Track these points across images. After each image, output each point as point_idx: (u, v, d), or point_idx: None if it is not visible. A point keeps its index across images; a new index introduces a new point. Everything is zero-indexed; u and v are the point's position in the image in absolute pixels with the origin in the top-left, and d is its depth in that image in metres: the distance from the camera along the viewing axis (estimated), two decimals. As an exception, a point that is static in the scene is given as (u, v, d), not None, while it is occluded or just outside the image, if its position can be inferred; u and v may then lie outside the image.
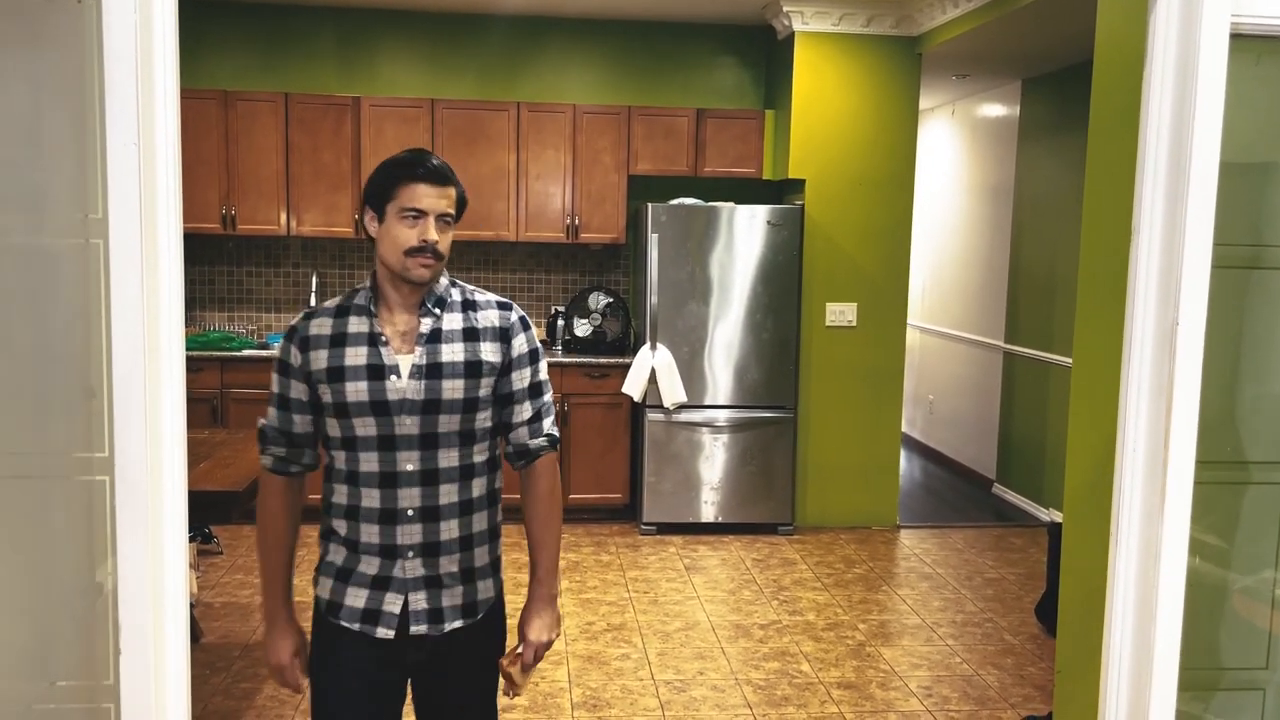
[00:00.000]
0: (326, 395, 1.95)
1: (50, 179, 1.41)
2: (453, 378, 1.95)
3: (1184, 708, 1.81)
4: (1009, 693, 3.87)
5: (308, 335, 1.99)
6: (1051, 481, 6.16)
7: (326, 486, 2.04)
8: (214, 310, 6.14)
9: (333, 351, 1.96)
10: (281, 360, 2.02)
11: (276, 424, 2.02)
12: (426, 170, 1.92)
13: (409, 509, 1.95)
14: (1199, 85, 1.62)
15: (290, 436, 2.01)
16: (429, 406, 1.94)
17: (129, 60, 1.29)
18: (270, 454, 2.03)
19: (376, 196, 1.94)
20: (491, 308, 2.04)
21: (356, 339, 1.96)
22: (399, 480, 1.95)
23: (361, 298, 2.01)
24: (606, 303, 5.99)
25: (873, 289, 5.92)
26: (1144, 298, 1.69)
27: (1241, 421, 1.83)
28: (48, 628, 1.47)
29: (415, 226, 1.91)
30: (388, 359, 1.95)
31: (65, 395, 1.43)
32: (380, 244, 1.95)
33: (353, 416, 1.93)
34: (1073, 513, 2.44)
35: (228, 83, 5.87)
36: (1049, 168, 6.28)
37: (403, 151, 1.98)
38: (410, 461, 1.94)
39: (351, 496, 1.97)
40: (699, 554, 5.44)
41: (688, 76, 6.22)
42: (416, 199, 1.90)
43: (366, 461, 1.95)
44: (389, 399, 1.92)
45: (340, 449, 1.98)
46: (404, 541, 1.95)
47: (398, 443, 1.94)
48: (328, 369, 1.95)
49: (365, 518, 1.96)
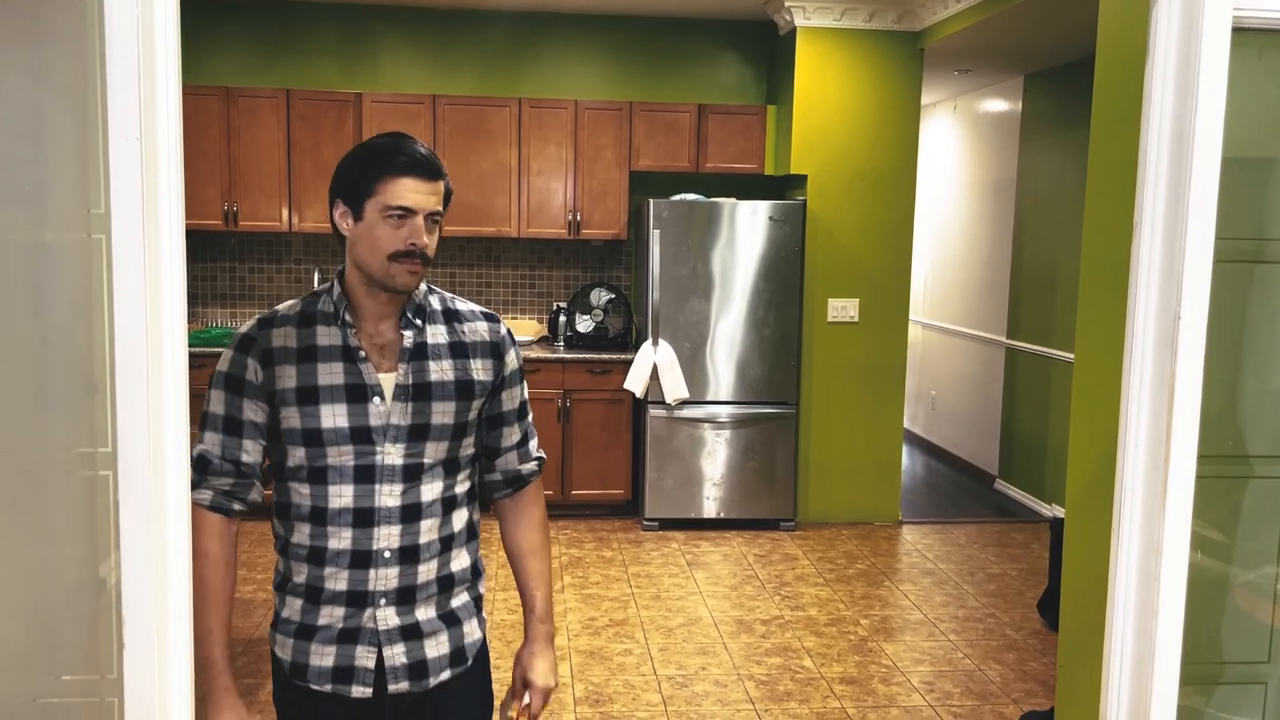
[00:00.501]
0: (293, 420, 1.67)
1: (52, 174, 1.41)
2: (443, 399, 1.71)
3: (1185, 702, 1.81)
4: (1011, 688, 3.87)
5: (270, 347, 1.69)
6: (1054, 477, 6.16)
7: (282, 525, 1.75)
8: (216, 307, 6.14)
9: (302, 368, 1.68)
10: (231, 375, 1.69)
11: (220, 452, 1.69)
12: (414, 162, 1.65)
13: (386, 550, 1.69)
14: (1201, 79, 1.62)
15: (239, 467, 1.70)
16: (415, 433, 1.69)
17: (130, 55, 1.29)
18: (210, 487, 1.70)
19: (352, 190, 1.67)
20: (478, 319, 1.80)
21: (329, 353, 1.68)
22: (376, 517, 1.69)
23: (326, 303, 1.72)
24: (608, 299, 5.99)
25: (875, 285, 5.91)
26: (1145, 292, 1.69)
27: (1243, 415, 1.83)
28: (52, 622, 1.47)
29: (401, 227, 1.64)
30: (369, 378, 1.69)
31: (68, 390, 1.43)
32: (355, 246, 1.67)
33: (326, 445, 1.66)
34: (1075, 508, 2.44)
35: (229, 79, 5.87)
36: (1051, 163, 6.27)
37: (378, 136, 1.71)
38: (391, 495, 1.69)
39: (316, 536, 1.70)
40: (701, 549, 5.44)
41: (690, 72, 6.22)
42: (403, 196, 1.63)
43: (338, 496, 1.68)
44: (371, 424, 1.67)
45: (305, 482, 1.70)
46: (377, 587, 1.70)
47: (378, 474, 1.68)
48: (298, 389, 1.67)
49: (333, 561, 1.70)
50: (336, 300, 1.72)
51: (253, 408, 1.69)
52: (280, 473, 1.74)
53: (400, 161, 1.65)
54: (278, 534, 1.77)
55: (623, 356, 5.78)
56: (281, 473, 1.73)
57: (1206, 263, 1.63)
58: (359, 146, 1.71)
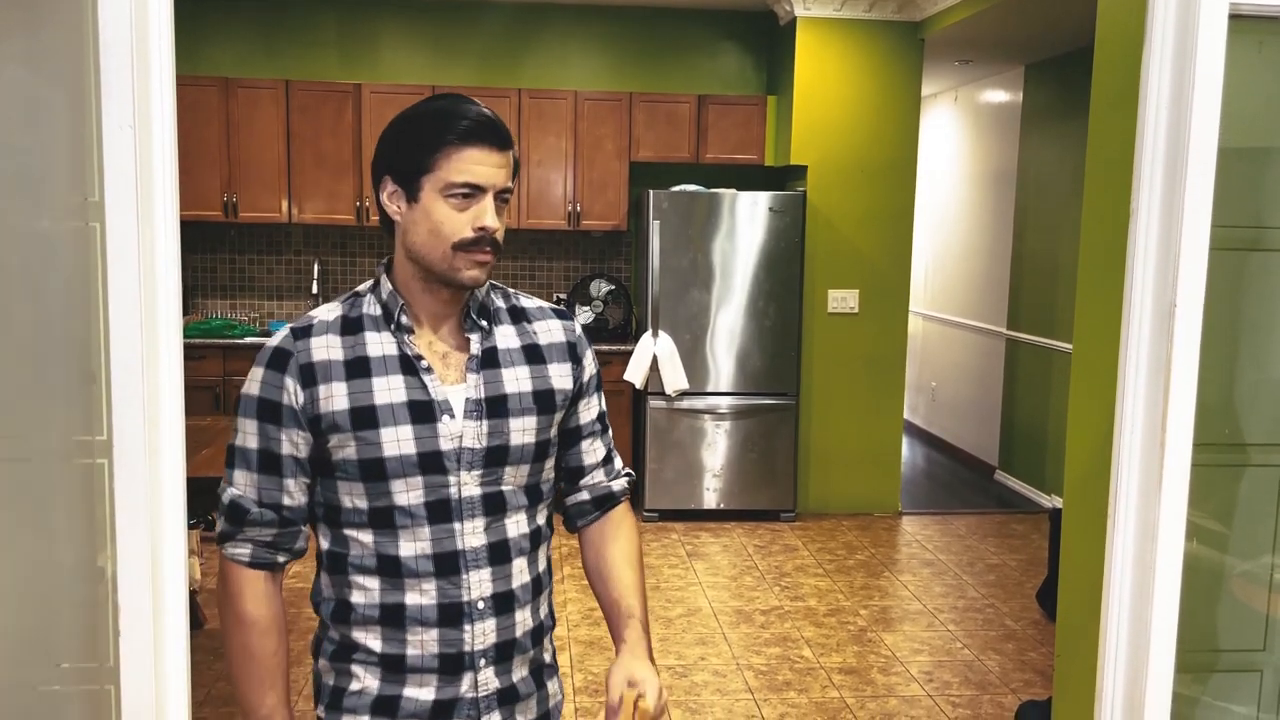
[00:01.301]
0: (348, 449, 1.37)
1: (49, 162, 1.41)
2: (521, 414, 1.44)
3: (1181, 690, 1.82)
4: (1010, 677, 3.88)
5: (311, 361, 1.38)
6: (1053, 468, 6.16)
7: (334, 583, 1.44)
8: (216, 298, 6.15)
9: (354, 384, 1.38)
10: (265, 400, 1.38)
11: (258, 496, 1.39)
12: (480, 127, 1.36)
13: (479, 600, 1.41)
14: (1197, 65, 1.61)
15: (281, 512, 1.41)
16: (493, 456, 1.42)
17: (123, 43, 1.30)
18: (249, 540, 1.40)
19: (406, 165, 1.37)
20: (549, 317, 1.54)
21: (384, 365, 1.39)
22: (463, 562, 1.40)
23: (371, 304, 1.44)
24: (608, 290, 5.99)
25: (875, 275, 5.91)
26: (1142, 279, 1.69)
27: (1240, 403, 1.83)
28: (51, 610, 1.48)
29: (467, 209, 1.37)
30: (436, 392, 1.40)
31: (66, 378, 1.44)
32: (410, 232, 1.39)
33: (390, 478, 1.37)
34: (1073, 497, 2.44)
35: (229, 70, 5.87)
36: (1052, 153, 6.26)
37: (433, 98, 1.40)
38: (475, 534, 1.41)
39: (389, 592, 1.39)
40: (701, 540, 5.45)
41: (689, 62, 6.20)
42: (469, 170, 1.35)
43: (410, 541, 1.39)
44: (442, 449, 1.38)
45: (366, 527, 1.40)
46: (477, 645, 1.41)
47: (456, 509, 1.40)
48: (351, 410, 1.37)
49: (416, 621, 1.39)
50: (387, 299, 1.42)
51: (294, 438, 1.38)
52: (331, 517, 1.43)
53: (463, 127, 1.35)
54: (324, 595, 1.45)
55: (623, 348, 5.78)
56: (334, 517, 1.42)
57: (1202, 250, 1.63)
58: (410, 110, 1.39)
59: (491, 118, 1.37)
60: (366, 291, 1.45)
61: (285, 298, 6.18)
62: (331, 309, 1.44)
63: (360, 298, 1.45)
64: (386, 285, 1.43)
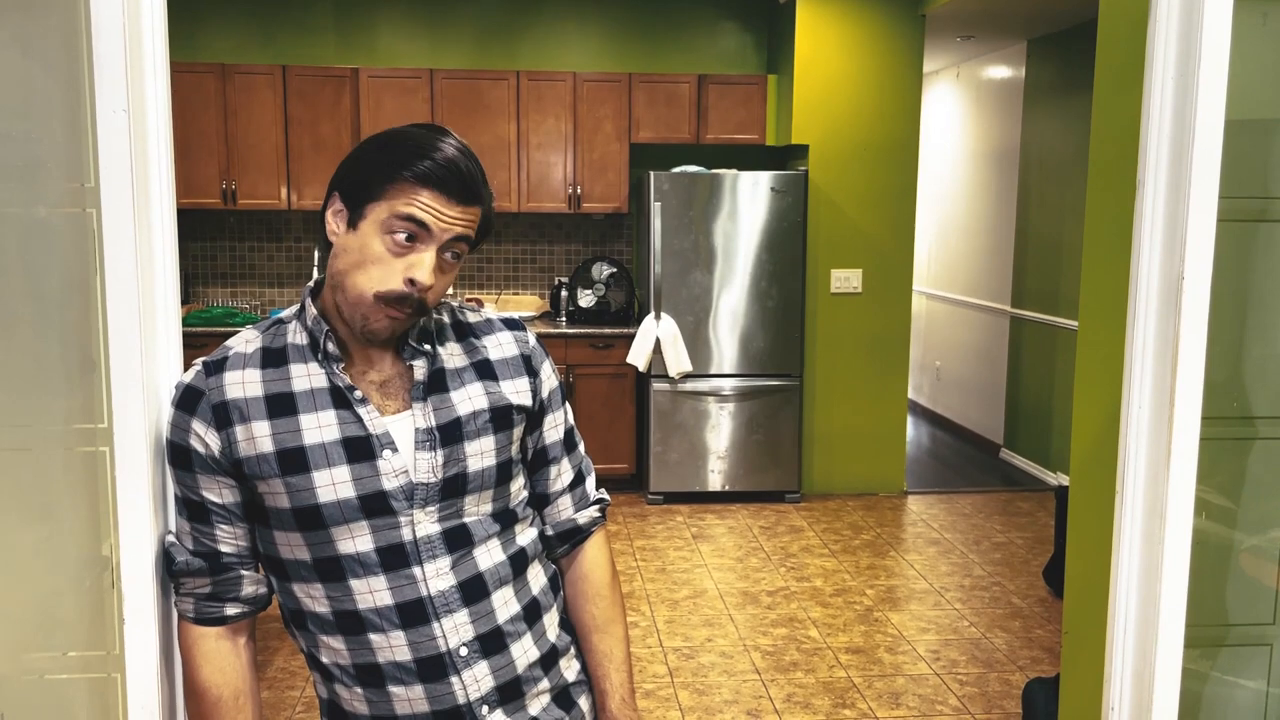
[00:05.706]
0: (278, 497, 1.24)
1: (44, 148, 1.40)
2: (478, 435, 1.30)
3: (1190, 665, 1.81)
4: (1017, 655, 3.88)
5: (225, 400, 1.25)
6: (1059, 445, 6.16)
7: (305, 639, 1.31)
8: (216, 286, 6.14)
9: (278, 423, 1.24)
10: (175, 444, 1.27)
11: (191, 544, 1.28)
12: (446, 171, 1.21)
13: (460, 646, 1.27)
14: (1203, 37, 1.59)
15: (214, 562, 1.27)
16: (451, 487, 1.27)
17: (116, 25, 1.28)
18: (188, 594, 1.29)
19: (357, 188, 1.23)
20: (498, 329, 1.39)
21: (311, 399, 1.25)
22: (431, 609, 1.26)
23: (296, 332, 1.29)
24: (610, 273, 5.98)
25: (878, 255, 5.89)
26: (1149, 252, 1.67)
27: (1248, 377, 1.82)
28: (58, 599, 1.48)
29: (406, 255, 1.21)
30: (374, 426, 1.25)
31: (65, 366, 1.43)
32: (340, 257, 1.24)
33: (330, 525, 1.23)
34: (1079, 473, 2.43)
35: (225, 56, 5.84)
36: (1055, 130, 6.22)
37: (411, 125, 1.28)
38: (440, 576, 1.26)
39: (358, 654, 1.26)
40: (706, 522, 5.45)
41: (689, 42, 6.16)
42: (420, 207, 1.20)
43: (366, 594, 1.25)
44: (385, 487, 1.24)
45: (314, 581, 1.26)
46: (472, 695, 1.27)
47: (412, 552, 1.25)
48: (278, 453, 1.23)
49: (395, 680, 1.26)
50: (312, 325, 1.28)
51: (213, 485, 1.26)
52: (276, 569, 1.30)
53: (424, 166, 1.20)
54: (299, 646, 1.34)
55: (625, 331, 5.77)
56: (279, 570, 1.29)
57: (1210, 222, 1.61)
58: (386, 132, 1.28)
59: (462, 168, 1.22)
60: (291, 318, 1.32)
61: (286, 284, 6.17)
62: (250, 339, 1.30)
63: (284, 325, 1.31)
64: (311, 310, 1.29)
